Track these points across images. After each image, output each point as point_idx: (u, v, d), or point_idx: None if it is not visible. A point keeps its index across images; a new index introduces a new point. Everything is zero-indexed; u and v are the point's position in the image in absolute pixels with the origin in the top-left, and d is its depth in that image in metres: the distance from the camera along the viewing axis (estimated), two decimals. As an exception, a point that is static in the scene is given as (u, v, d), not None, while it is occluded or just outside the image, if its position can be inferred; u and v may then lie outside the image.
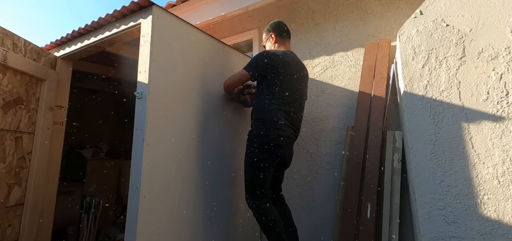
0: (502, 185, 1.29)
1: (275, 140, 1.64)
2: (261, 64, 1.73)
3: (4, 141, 1.85)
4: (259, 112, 1.72)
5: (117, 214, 3.21)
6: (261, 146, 1.64)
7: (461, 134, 1.40)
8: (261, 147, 1.64)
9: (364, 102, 2.03)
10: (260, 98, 1.76)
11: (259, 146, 1.65)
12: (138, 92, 1.50)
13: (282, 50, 1.84)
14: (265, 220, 1.60)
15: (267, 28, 2.01)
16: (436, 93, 1.50)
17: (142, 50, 1.56)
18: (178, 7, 2.84)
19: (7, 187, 1.86)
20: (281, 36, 1.96)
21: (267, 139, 1.64)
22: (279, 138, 1.66)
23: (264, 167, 1.63)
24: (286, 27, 1.99)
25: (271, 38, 1.96)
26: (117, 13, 1.77)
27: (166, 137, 1.56)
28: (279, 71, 1.72)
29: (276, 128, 1.65)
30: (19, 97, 1.95)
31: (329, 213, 2.08)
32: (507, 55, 1.37)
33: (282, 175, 1.89)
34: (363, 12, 2.29)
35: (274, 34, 1.96)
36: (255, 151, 1.66)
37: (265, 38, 2.03)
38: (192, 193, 1.69)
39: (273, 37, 1.96)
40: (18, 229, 1.93)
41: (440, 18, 1.56)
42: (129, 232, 1.37)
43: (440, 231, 1.36)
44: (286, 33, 1.98)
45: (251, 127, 1.75)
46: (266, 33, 2.01)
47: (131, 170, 1.43)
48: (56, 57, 2.25)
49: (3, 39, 1.85)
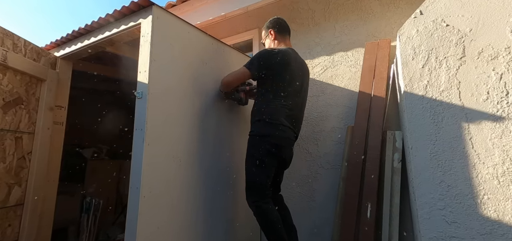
0: (502, 185, 1.29)
1: (276, 140, 1.64)
2: (263, 63, 1.71)
3: (4, 141, 1.85)
4: (259, 113, 1.71)
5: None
6: (262, 147, 1.64)
7: (461, 134, 1.40)
8: (262, 148, 1.64)
9: (364, 102, 2.03)
10: (261, 98, 1.75)
11: (259, 147, 1.64)
12: (138, 92, 1.50)
13: (283, 47, 1.81)
14: (266, 220, 1.60)
15: (266, 25, 1.97)
16: (436, 93, 1.50)
17: (142, 50, 1.56)
18: (178, 7, 2.84)
19: (7, 187, 1.86)
20: (281, 32, 1.92)
21: (267, 139, 1.64)
22: (279, 139, 1.65)
23: (265, 167, 1.63)
24: (286, 23, 1.96)
25: (270, 35, 1.93)
26: (117, 13, 1.77)
27: (166, 137, 1.56)
28: (280, 70, 1.70)
29: (277, 129, 1.65)
30: (19, 97, 1.95)
31: (329, 213, 2.08)
32: (507, 55, 1.37)
33: (281, 175, 1.89)
34: (363, 12, 2.29)
35: (273, 31, 1.92)
36: (255, 152, 1.65)
37: (264, 35, 2.00)
38: (192, 193, 1.69)
39: (272, 34, 1.92)
40: (18, 229, 1.93)
41: (440, 18, 1.56)
42: (129, 232, 1.37)
43: (440, 231, 1.36)
44: (285, 30, 1.94)
45: (251, 128, 1.75)
46: (265, 30, 1.98)
47: (131, 170, 1.43)
48: (56, 57, 2.25)
49: (3, 39, 1.85)
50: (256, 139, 1.67)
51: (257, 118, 1.72)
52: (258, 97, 1.79)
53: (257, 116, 1.72)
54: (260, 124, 1.68)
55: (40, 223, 2.04)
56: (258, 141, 1.66)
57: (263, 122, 1.67)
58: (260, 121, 1.69)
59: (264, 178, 1.64)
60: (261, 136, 1.66)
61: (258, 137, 1.67)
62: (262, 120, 1.68)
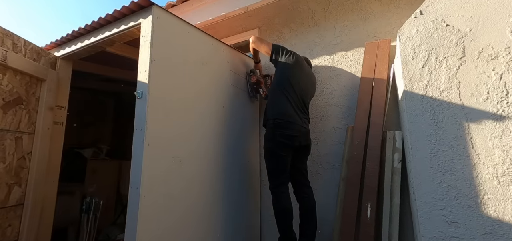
0: (502, 185, 1.29)
1: (290, 131, 1.80)
2: (285, 52, 1.98)
3: (4, 141, 1.85)
4: (273, 106, 1.88)
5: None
6: (278, 138, 1.79)
7: (461, 134, 1.40)
8: (278, 138, 1.79)
9: (364, 102, 2.03)
10: (274, 95, 1.92)
11: (276, 137, 1.80)
12: (138, 92, 1.50)
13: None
14: (278, 206, 1.78)
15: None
16: (436, 93, 1.50)
17: (142, 50, 1.56)
18: (178, 7, 2.84)
19: (7, 187, 1.86)
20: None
21: (282, 130, 1.80)
22: (293, 129, 1.80)
23: (281, 156, 1.79)
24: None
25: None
26: (117, 13, 1.77)
27: (166, 137, 1.56)
28: (294, 70, 1.91)
29: (291, 122, 1.81)
30: (19, 97, 1.95)
31: (329, 213, 2.08)
32: (507, 55, 1.37)
33: (304, 165, 1.99)
34: (363, 12, 2.29)
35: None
36: (272, 143, 1.82)
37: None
38: (192, 193, 1.69)
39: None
40: (18, 229, 1.93)
41: (440, 18, 1.56)
42: (129, 232, 1.37)
43: (440, 231, 1.36)
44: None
45: (266, 122, 1.92)
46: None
47: (131, 170, 1.43)
48: (56, 57, 2.25)
49: (3, 39, 1.85)
50: (271, 131, 1.87)
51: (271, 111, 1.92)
52: (271, 91, 2.01)
53: (271, 109, 1.92)
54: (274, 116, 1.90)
55: (40, 223, 2.04)
56: (272, 132, 1.86)
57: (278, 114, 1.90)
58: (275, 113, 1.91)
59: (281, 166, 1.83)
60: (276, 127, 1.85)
61: (273, 128, 1.86)
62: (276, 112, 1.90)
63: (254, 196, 2.31)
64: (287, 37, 2.62)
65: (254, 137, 2.41)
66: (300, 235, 1.83)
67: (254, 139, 2.40)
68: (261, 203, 2.38)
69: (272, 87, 2.00)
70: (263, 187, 2.41)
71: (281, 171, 1.81)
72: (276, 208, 1.79)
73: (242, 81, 2.35)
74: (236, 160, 2.11)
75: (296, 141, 1.81)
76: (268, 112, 1.92)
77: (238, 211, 2.07)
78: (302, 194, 1.92)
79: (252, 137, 2.37)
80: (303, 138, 1.88)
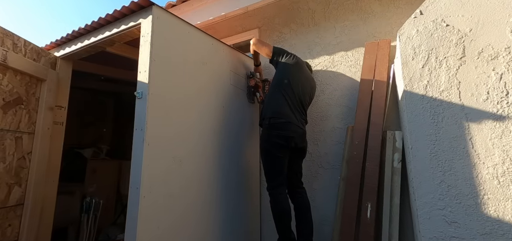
0: (502, 185, 1.29)
1: (285, 132, 1.79)
2: (286, 54, 2.01)
3: (4, 141, 1.85)
4: (270, 104, 1.89)
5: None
6: (273, 139, 1.80)
7: (461, 134, 1.40)
8: (273, 139, 1.80)
9: (364, 102, 2.03)
10: (272, 93, 1.93)
11: (271, 139, 1.81)
12: (138, 92, 1.50)
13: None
14: (276, 208, 1.77)
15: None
16: (436, 93, 1.50)
17: (142, 50, 1.56)
18: (178, 7, 2.84)
19: (7, 187, 1.86)
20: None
21: (278, 131, 1.80)
22: (289, 130, 1.80)
23: (277, 158, 1.80)
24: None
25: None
26: (117, 13, 1.77)
27: (166, 137, 1.56)
28: (294, 70, 1.92)
29: (286, 122, 1.81)
30: (19, 97, 1.95)
31: (329, 213, 2.08)
32: (507, 55, 1.37)
33: (299, 168, 1.99)
34: (363, 12, 2.29)
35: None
36: (268, 144, 1.82)
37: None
38: (192, 193, 1.69)
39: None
40: (18, 229, 1.93)
41: (440, 18, 1.56)
42: (129, 232, 1.37)
43: (440, 231, 1.36)
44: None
45: (262, 121, 1.93)
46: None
47: (131, 170, 1.43)
48: (56, 57, 2.25)
49: (3, 39, 1.85)
50: (267, 132, 1.87)
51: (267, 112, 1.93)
52: (270, 92, 2.03)
53: (267, 109, 1.93)
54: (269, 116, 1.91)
55: (40, 223, 2.04)
56: (269, 134, 1.86)
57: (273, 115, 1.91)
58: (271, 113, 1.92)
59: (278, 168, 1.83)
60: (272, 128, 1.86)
61: (269, 129, 1.86)
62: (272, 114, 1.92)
63: (253, 197, 2.30)
64: (287, 37, 2.62)
65: (254, 137, 2.41)
66: (297, 236, 1.82)
67: (253, 139, 2.39)
68: (261, 203, 2.38)
69: (271, 86, 2.02)
70: (263, 188, 2.40)
71: (278, 172, 1.80)
72: (274, 209, 1.79)
73: (242, 81, 2.35)
74: (237, 160, 2.11)
75: (292, 142, 1.81)
76: (264, 110, 1.93)
77: (241, 211, 2.07)
78: (296, 195, 1.92)
79: (251, 137, 2.37)
80: (299, 139, 1.87)
